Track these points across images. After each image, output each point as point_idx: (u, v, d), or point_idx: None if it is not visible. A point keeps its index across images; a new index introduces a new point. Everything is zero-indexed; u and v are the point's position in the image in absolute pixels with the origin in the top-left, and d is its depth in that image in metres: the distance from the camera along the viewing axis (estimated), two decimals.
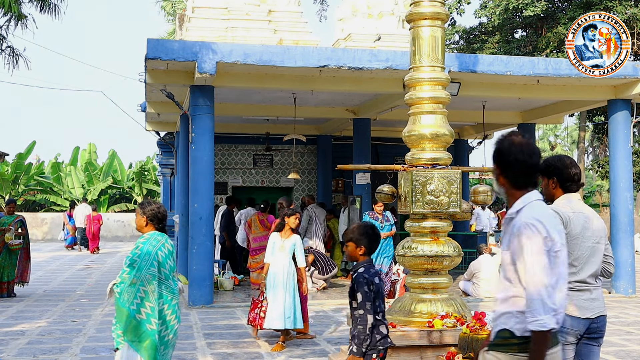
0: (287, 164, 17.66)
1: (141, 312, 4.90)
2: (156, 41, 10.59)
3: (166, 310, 5.00)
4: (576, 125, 37.53)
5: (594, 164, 26.77)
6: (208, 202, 11.09)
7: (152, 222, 5.13)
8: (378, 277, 4.37)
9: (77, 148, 37.21)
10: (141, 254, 4.96)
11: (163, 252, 5.04)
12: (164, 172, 21.61)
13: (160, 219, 5.16)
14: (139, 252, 4.97)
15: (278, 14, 16.31)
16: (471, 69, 11.35)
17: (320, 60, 10.78)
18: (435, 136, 6.40)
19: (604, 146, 37.70)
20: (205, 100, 11.15)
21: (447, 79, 6.66)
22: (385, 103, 13.33)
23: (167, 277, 5.04)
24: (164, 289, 5.01)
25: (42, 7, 12.33)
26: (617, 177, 12.60)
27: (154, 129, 17.95)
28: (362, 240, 4.41)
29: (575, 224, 3.97)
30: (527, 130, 16.23)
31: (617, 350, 7.83)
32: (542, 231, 2.97)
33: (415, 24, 6.54)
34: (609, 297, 12.36)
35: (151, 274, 4.93)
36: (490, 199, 6.82)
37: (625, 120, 12.66)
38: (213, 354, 7.68)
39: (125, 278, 4.95)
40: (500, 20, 22.30)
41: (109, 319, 9.81)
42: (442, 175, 6.32)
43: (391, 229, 12.27)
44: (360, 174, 14.32)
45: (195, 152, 11.17)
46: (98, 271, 17.14)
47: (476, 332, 5.54)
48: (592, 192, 39.15)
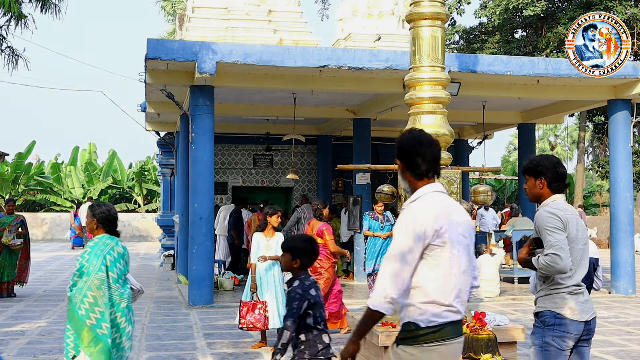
0: (287, 164, 17.66)
1: (91, 317, 4.87)
2: (156, 41, 10.60)
3: (115, 313, 4.98)
4: (576, 125, 37.52)
5: (594, 164, 26.78)
6: (208, 202, 11.09)
7: (102, 225, 5.08)
8: (314, 289, 4.25)
9: (77, 148, 37.20)
10: (89, 258, 4.92)
11: (112, 255, 4.99)
12: (164, 172, 21.60)
13: (110, 222, 5.11)
14: (87, 256, 4.94)
15: (278, 14, 16.31)
16: (471, 69, 11.35)
17: (320, 60, 10.78)
18: (435, 136, 6.38)
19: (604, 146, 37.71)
20: (205, 100, 11.15)
21: (447, 79, 6.66)
22: (385, 103, 13.33)
23: (116, 281, 4.99)
24: (113, 293, 4.97)
25: (43, 7, 12.34)
26: (617, 177, 12.60)
27: (154, 129, 17.95)
28: (300, 253, 4.29)
29: (572, 227, 3.96)
30: (527, 130, 16.25)
31: (617, 350, 7.83)
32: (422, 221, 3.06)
33: (415, 24, 6.54)
34: (609, 297, 12.37)
35: (99, 279, 4.88)
36: (490, 199, 6.82)
37: (625, 120, 12.66)
38: (213, 354, 7.68)
39: (76, 282, 4.93)
40: (500, 20, 22.31)
41: None
42: (442, 175, 6.30)
43: (391, 229, 12.25)
44: (360, 174, 14.32)
45: (195, 152, 11.17)
46: None
47: (476, 332, 5.54)
48: (592, 192, 39.13)
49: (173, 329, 9.16)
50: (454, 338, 3.12)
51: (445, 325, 3.09)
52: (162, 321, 9.80)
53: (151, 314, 10.42)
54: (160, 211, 23.35)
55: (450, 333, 3.11)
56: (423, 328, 3.08)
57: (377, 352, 5.87)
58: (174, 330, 9.12)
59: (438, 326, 3.07)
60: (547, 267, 3.82)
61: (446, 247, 3.09)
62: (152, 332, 8.96)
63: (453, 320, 3.12)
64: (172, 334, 8.86)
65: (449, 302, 3.10)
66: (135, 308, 11.24)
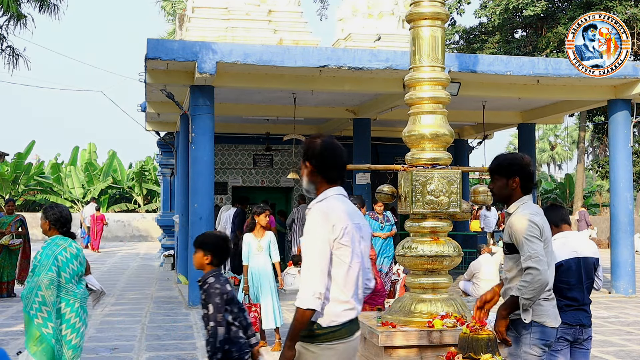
0: (287, 164, 17.66)
1: (38, 317, 4.92)
2: (156, 41, 10.59)
3: (69, 314, 5.02)
4: (576, 125, 37.51)
5: (594, 164, 26.78)
6: (208, 202, 11.08)
7: (55, 226, 5.17)
8: (229, 284, 4.28)
9: (77, 148, 37.20)
10: (41, 259, 4.99)
11: (64, 256, 5.05)
12: (164, 172, 21.59)
13: (63, 223, 5.19)
14: (39, 257, 5.02)
15: (278, 14, 16.31)
16: (471, 69, 11.35)
17: (320, 60, 10.78)
18: (435, 136, 6.40)
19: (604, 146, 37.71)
20: (205, 100, 11.15)
21: (447, 79, 6.65)
22: (385, 103, 13.33)
23: (68, 281, 5.04)
24: (65, 293, 5.02)
25: (42, 7, 12.33)
26: (617, 177, 12.60)
27: (154, 129, 17.95)
28: (213, 250, 4.26)
29: (546, 230, 3.87)
30: (527, 130, 16.25)
31: (617, 350, 7.83)
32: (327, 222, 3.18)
33: (415, 24, 6.53)
34: (609, 297, 12.37)
35: (49, 279, 4.93)
36: (490, 199, 6.81)
37: (625, 120, 12.66)
38: None
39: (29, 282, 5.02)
40: (500, 20, 22.30)
41: (109, 319, 9.82)
42: (442, 175, 6.31)
43: (391, 229, 12.26)
44: (360, 174, 14.32)
45: (195, 152, 11.17)
46: (98, 271, 17.12)
47: (476, 332, 5.52)
48: (592, 192, 39.13)
49: (173, 329, 9.16)
50: (351, 336, 3.27)
51: (345, 324, 3.23)
52: (162, 321, 9.80)
53: (151, 314, 10.42)
54: (160, 211, 23.36)
55: (348, 332, 3.25)
56: (324, 327, 3.21)
57: (377, 352, 5.87)
58: (174, 330, 9.12)
59: (338, 326, 3.21)
60: (531, 286, 3.65)
61: (349, 246, 3.22)
62: (152, 332, 8.96)
63: (351, 318, 3.26)
64: (172, 334, 8.86)
65: (347, 300, 3.23)
66: (135, 308, 11.30)
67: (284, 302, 11.44)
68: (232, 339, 4.20)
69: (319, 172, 3.37)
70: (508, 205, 3.99)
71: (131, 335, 8.72)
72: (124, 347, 8.03)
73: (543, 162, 56.96)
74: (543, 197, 36.24)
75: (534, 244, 3.71)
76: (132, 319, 9.91)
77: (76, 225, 29.31)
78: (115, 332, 8.83)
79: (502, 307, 3.82)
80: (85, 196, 34.13)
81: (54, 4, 12.48)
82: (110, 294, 12.37)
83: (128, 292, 13.00)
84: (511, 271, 3.93)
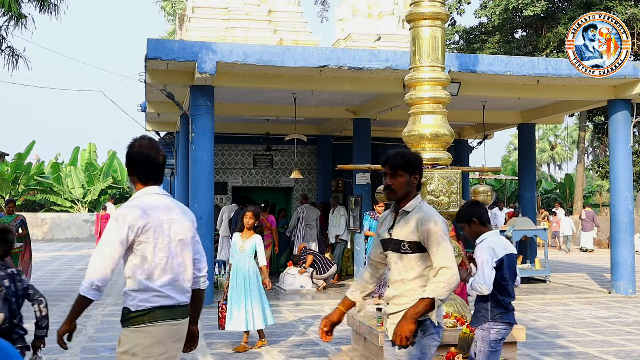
0: (287, 164, 17.66)
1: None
2: (156, 41, 10.59)
3: None
4: (576, 125, 37.52)
5: (594, 164, 26.79)
6: (208, 202, 11.09)
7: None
8: (8, 279, 4.47)
9: (77, 148, 37.22)
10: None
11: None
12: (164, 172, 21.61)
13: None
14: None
15: (278, 14, 16.31)
16: (471, 69, 11.35)
17: (320, 60, 10.78)
18: (435, 136, 6.40)
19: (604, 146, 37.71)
20: (205, 100, 11.15)
21: (447, 79, 6.65)
22: (385, 103, 13.33)
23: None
24: None
25: (42, 7, 12.32)
26: (617, 177, 12.60)
27: (154, 129, 17.95)
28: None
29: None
30: (527, 130, 16.25)
31: (617, 350, 7.83)
32: (126, 218, 3.39)
33: (415, 24, 6.53)
34: (609, 297, 12.37)
35: None
36: (490, 199, 6.81)
37: (625, 120, 12.66)
38: (213, 354, 7.68)
39: None
40: (500, 20, 22.31)
41: (109, 319, 9.82)
42: (442, 175, 6.31)
43: None
44: (360, 174, 14.32)
45: (195, 152, 11.17)
46: None
47: None
48: (592, 192, 39.14)
49: None
50: (165, 320, 3.47)
51: (154, 309, 3.44)
52: None
53: None
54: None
55: (160, 316, 3.45)
56: (133, 312, 3.44)
57: (377, 352, 5.87)
58: None
59: (146, 310, 3.42)
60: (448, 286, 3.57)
61: (149, 242, 3.42)
62: None
63: (164, 304, 3.46)
64: None
65: (156, 288, 3.44)
66: None
67: (284, 302, 11.45)
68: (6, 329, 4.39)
69: (133, 173, 3.59)
70: (401, 203, 3.79)
71: None
72: None
73: (543, 162, 56.96)
74: (543, 197, 36.25)
75: (447, 243, 3.63)
76: None
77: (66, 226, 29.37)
78: (115, 332, 8.82)
79: (413, 311, 3.57)
80: (85, 196, 34.13)
81: (54, 4, 12.47)
82: (110, 294, 12.37)
83: None
84: (410, 271, 3.71)
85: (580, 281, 14.55)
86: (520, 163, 16.45)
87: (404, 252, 3.72)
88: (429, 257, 3.67)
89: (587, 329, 9.21)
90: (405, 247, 3.71)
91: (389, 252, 3.82)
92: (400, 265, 3.75)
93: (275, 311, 10.60)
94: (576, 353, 7.66)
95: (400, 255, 3.74)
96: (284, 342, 8.29)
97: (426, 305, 3.56)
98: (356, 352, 6.50)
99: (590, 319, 10.05)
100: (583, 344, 8.14)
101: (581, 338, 8.56)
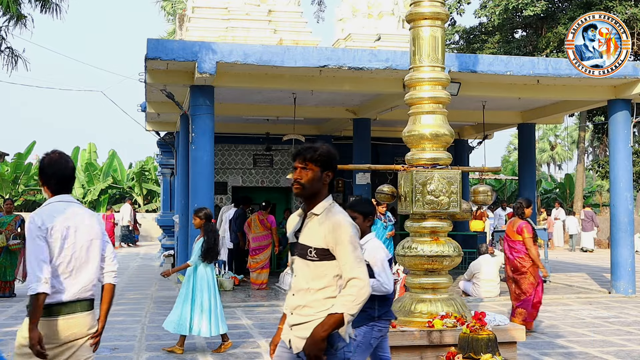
0: (287, 164, 17.66)
1: None
2: (156, 41, 10.59)
3: None
4: (576, 125, 37.52)
5: (594, 164, 26.78)
6: (208, 202, 11.08)
7: None
8: None
9: (77, 148, 37.22)
10: None
11: None
12: (164, 172, 21.60)
13: None
14: None
15: (278, 14, 16.31)
16: (471, 69, 11.35)
17: (320, 60, 10.78)
18: (435, 136, 6.40)
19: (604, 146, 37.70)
20: (205, 100, 11.15)
21: (447, 79, 6.65)
22: (385, 103, 13.33)
23: None
24: None
25: (43, 7, 12.33)
26: (617, 177, 12.60)
27: (154, 129, 17.95)
28: None
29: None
30: (527, 130, 16.25)
31: (617, 350, 7.83)
32: (37, 221, 3.69)
33: (415, 24, 6.53)
34: (609, 297, 12.37)
35: None
36: (490, 199, 6.81)
37: (625, 120, 12.66)
38: (213, 354, 7.68)
39: None
40: (500, 20, 22.30)
41: (109, 319, 9.78)
42: (442, 175, 6.31)
43: (392, 228, 12.35)
44: (360, 174, 14.32)
45: (195, 152, 11.17)
46: None
47: (476, 332, 5.54)
48: (592, 192, 39.13)
49: None
50: (62, 315, 3.72)
51: (54, 304, 3.69)
52: (162, 321, 9.76)
53: (151, 314, 10.42)
54: (160, 211, 23.39)
55: (61, 311, 3.72)
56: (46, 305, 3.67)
57: None
58: None
59: (47, 305, 3.65)
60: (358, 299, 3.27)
61: (58, 242, 3.73)
62: (152, 332, 8.96)
63: (63, 300, 3.73)
64: (172, 334, 8.84)
65: (61, 286, 3.72)
66: (135, 308, 11.29)
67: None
68: None
69: (44, 184, 3.92)
70: (311, 204, 3.45)
71: (131, 335, 8.72)
72: (124, 347, 8.03)
73: (543, 162, 56.95)
74: (543, 197, 36.25)
75: (358, 251, 3.32)
76: (132, 319, 9.91)
77: None
78: (115, 332, 8.82)
79: (321, 329, 3.27)
80: (85, 196, 34.12)
81: (56, 4, 12.48)
82: None
83: (128, 292, 13.00)
84: (317, 280, 3.38)
85: (580, 281, 14.55)
86: (520, 163, 16.45)
87: (310, 259, 3.39)
88: (338, 266, 3.34)
89: (587, 329, 9.21)
90: (312, 254, 3.37)
91: (295, 257, 3.52)
92: (307, 273, 3.42)
93: (275, 311, 10.62)
94: (576, 353, 7.66)
95: (306, 262, 3.41)
96: None
97: (335, 321, 3.26)
98: None
99: (590, 319, 10.05)
100: (583, 344, 8.14)
101: (581, 338, 8.56)
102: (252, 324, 9.54)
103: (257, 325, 9.39)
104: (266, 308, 10.99)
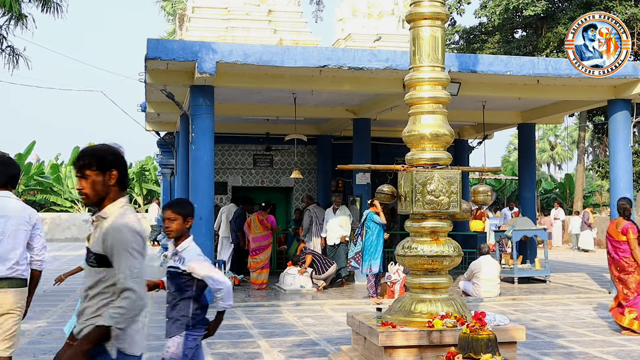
0: (287, 164, 17.67)
1: None
2: (156, 41, 10.60)
3: None
4: (576, 125, 37.52)
5: (594, 164, 26.79)
6: (208, 202, 11.09)
7: None
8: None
9: (77, 148, 37.22)
10: None
11: None
12: (164, 172, 21.62)
13: None
14: None
15: (278, 14, 16.32)
16: (471, 69, 11.35)
17: (320, 60, 10.78)
18: (435, 136, 6.39)
19: (604, 146, 37.72)
20: (205, 100, 11.15)
21: (447, 79, 6.65)
22: (385, 103, 13.33)
23: None
24: None
25: (44, 7, 12.33)
26: (617, 177, 12.60)
27: (154, 129, 17.96)
28: None
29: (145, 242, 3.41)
30: (527, 130, 16.25)
31: (617, 350, 7.83)
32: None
33: (415, 24, 6.53)
34: (609, 297, 12.36)
35: None
36: (490, 199, 6.81)
37: (625, 120, 12.66)
38: (213, 354, 7.68)
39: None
40: (500, 20, 22.30)
41: None
42: (442, 175, 6.31)
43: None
44: (360, 174, 14.32)
45: (195, 152, 11.18)
46: None
47: (476, 332, 5.54)
48: (592, 192, 39.15)
49: None
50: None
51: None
52: (162, 321, 9.76)
53: (151, 314, 10.40)
54: (161, 211, 23.40)
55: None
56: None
57: (377, 352, 5.87)
58: None
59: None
60: (129, 313, 3.10)
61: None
62: (152, 332, 8.95)
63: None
64: None
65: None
66: None
67: (285, 302, 11.45)
68: None
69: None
70: (101, 208, 3.29)
71: None
72: None
73: (543, 162, 56.97)
74: (543, 197, 36.25)
75: (136, 259, 3.14)
76: None
77: (66, 227, 29.40)
78: None
79: (83, 341, 3.13)
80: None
81: (57, 4, 12.48)
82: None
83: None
84: (94, 287, 3.27)
85: (580, 281, 14.55)
86: (520, 163, 16.45)
87: (90, 265, 3.29)
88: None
89: (587, 329, 9.21)
90: (92, 259, 3.26)
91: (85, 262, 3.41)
92: (88, 278, 3.31)
93: (275, 311, 10.63)
94: (576, 353, 7.65)
95: (88, 267, 3.32)
96: (284, 342, 8.29)
97: (99, 334, 3.11)
98: (356, 352, 6.50)
99: (590, 319, 10.05)
100: (583, 344, 8.14)
101: (581, 338, 8.56)
102: (252, 324, 9.54)
103: (257, 325, 9.39)
104: (266, 308, 11.00)
